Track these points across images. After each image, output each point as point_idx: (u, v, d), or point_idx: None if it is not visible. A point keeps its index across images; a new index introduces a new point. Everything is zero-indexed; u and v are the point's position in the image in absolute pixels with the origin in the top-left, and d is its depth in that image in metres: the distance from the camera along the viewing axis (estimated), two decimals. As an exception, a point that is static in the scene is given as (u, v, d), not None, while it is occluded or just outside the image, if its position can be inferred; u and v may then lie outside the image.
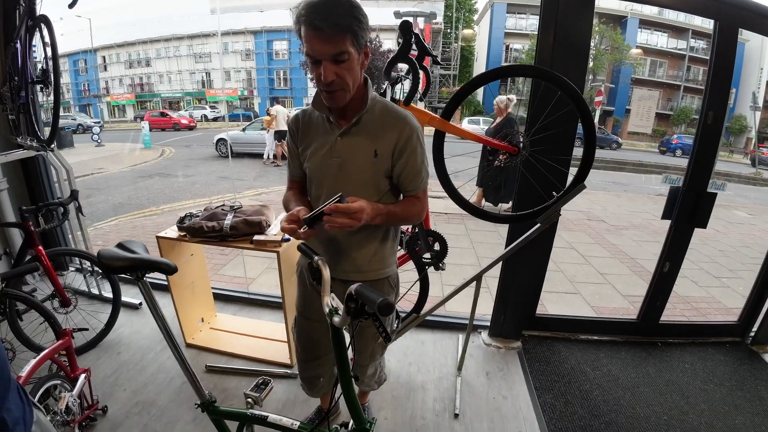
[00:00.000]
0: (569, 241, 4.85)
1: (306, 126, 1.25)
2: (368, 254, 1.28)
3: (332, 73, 1.02)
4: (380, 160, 1.17)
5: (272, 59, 23.20)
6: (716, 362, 2.39)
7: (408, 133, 1.16)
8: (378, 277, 1.32)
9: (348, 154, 1.17)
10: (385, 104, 1.21)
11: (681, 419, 1.95)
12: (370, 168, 1.17)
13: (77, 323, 2.20)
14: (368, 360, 1.48)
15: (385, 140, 1.16)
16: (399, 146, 1.16)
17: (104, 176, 8.37)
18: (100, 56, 24.24)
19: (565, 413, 1.95)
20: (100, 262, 1.13)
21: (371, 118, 1.17)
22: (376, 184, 1.20)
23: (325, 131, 1.20)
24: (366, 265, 1.29)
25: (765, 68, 20.22)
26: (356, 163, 1.17)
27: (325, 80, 1.03)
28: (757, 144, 17.31)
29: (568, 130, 1.88)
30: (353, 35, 1.01)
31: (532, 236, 1.80)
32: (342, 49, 1.00)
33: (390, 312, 0.73)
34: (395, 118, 1.17)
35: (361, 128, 1.17)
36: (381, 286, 1.34)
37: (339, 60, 1.02)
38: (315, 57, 1.02)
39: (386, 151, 1.17)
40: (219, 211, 2.02)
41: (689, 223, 2.31)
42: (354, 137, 1.17)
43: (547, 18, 1.87)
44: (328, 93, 1.08)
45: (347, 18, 0.98)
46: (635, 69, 21.80)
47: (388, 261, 1.35)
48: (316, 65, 1.03)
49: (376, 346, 1.45)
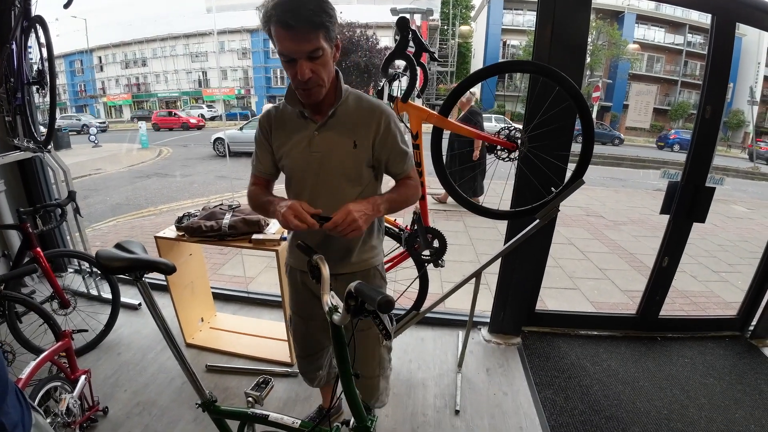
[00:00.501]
0: (568, 237, 4.85)
1: (279, 122, 1.23)
2: (356, 244, 1.28)
3: (308, 70, 1.02)
4: (360, 151, 1.17)
5: (269, 57, 23.09)
6: (716, 356, 2.40)
7: (386, 120, 1.18)
8: (368, 266, 1.32)
9: (327, 148, 1.17)
10: (358, 95, 1.21)
11: (681, 413, 1.95)
12: (351, 159, 1.18)
13: (77, 324, 2.19)
14: (378, 369, 1.43)
15: (362, 130, 1.17)
16: (380, 135, 1.18)
17: (102, 177, 8.35)
18: (96, 56, 24.14)
19: (565, 408, 1.95)
20: (98, 262, 1.12)
21: (346, 110, 1.18)
22: (359, 174, 1.20)
23: (300, 127, 1.19)
24: (355, 255, 1.29)
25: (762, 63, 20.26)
26: (336, 156, 1.17)
27: (302, 78, 1.02)
28: (754, 138, 17.31)
29: (566, 126, 1.88)
30: (325, 30, 1.00)
31: (530, 232, 1.80)
32: (316, 46, 1.00)
33: (390, 309, 0.73)
34: (369, 108, 1.19)
35: (338, 121, 1.17)
36: (372, 277, 1.35)
37: (314, 57, 1.01)
38: (289, 56, 1.01)
39: (365, 142, 1.17)
40: (217, 210, 2.01)
41: (688, 218, 2.31)
42: (331, 130, 1.17)
43: (545, 13, 1.87)
44: (305, 90, 1.08)
45: (318, 14, 0.97)
46: (633, 64, 21.83)
47: (376, 249, 1.36)
48: (291, 64, 1.02)
49: (382, 350, 1.42)
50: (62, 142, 10.81)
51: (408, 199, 1.28)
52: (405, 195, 1.26)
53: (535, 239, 1.92)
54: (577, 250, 4.50)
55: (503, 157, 1.74)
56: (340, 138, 1.16)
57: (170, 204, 6.06)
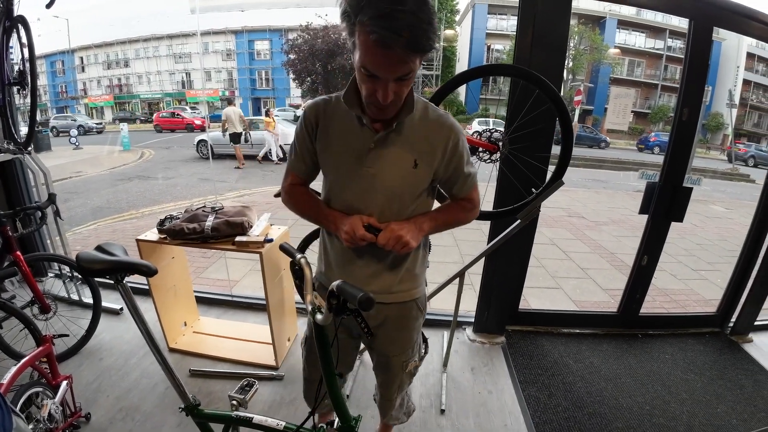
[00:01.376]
0: (551, 237, 4.94)
1: (328, 120, 1.05)
2: (399, 271, 1.14)
3: (393, 93, 0.88)
4: (420, 171, 1.02)
5: (254, 59, 22.95)
6: (696, 352, 2.46)
7: (454, 139, 1.04)
8: (407, 298, 1.18)
9: (383, 166, 1.01)
10: (424, 105, 1.05)
11: (663, 409, 1.99)
12: (407, 180, 1.03)
13: (58, 330, 2.14)
14: (396, 392, 1.38)
15: (427, 148, 1.02)
16: (446, 156, 1.04)
17: (83, 179, 8.16)
18: (77, 57, 23.62)
19: (549, 405, 1.98)
20: (78, 265, 1.11)
21: (411, 122, 1.02)
22: (412, 194, 1.06)
23: (354, 134, 1.02)
24: (396, 284, 1.14)
25: (741, 67, 20.92)
26: (392, 176, 1.02)
27: (384, 102, 0.88)
28: (733, 140, 17.85)
29: (546, 128, 1.91)
30: (422, 54, 0.85)
31: (512, 232, 1.83)
32: (411, 69, 0.86)
33: (371, 306, 0.73)
34: (438, 123, 1.03)
35: (400, 135, 1.00)
36: (409, 309, 1.20)
37: (403, 79, 0.87)
38: (376, 75, 0.86)
39: (428, 161, 1.02)
40: (200, 212, 1.99)
41: (666, 218, 2.37)
42: (391, 146, 1.00)
43: (525, 18, 1.91)
44: (380, 109, 0.93)
45: (425, 40, 0.80)
46: (614, 69, 22.31)
47: (419, 279, 1.21)
48: (373, 79, 0.87)
49: (404, 377, 1.33)
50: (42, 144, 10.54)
51: (459, 221, 1.16)
52: (455, 217, 1.15)
53: (517, 239, 1.95)
54: (559, 250, 4.58)
55: (485, 158, 1.77)
56: (400, 156, 1.01)
57: (152, 207, 5.96)
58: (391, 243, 0.99)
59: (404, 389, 1.42)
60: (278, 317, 2.10)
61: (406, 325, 1.22)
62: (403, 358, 1.27)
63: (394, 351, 1.26)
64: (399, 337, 1.24)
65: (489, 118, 14.85)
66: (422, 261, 1.21)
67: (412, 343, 1.27)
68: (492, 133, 1.75)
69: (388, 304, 1.15)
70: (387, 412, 1.45)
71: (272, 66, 22.79)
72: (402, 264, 1.14)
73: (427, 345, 1.37)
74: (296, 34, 17.99)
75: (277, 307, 2.08)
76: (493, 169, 1.86)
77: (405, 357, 1.28)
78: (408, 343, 1.26)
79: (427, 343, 1.37)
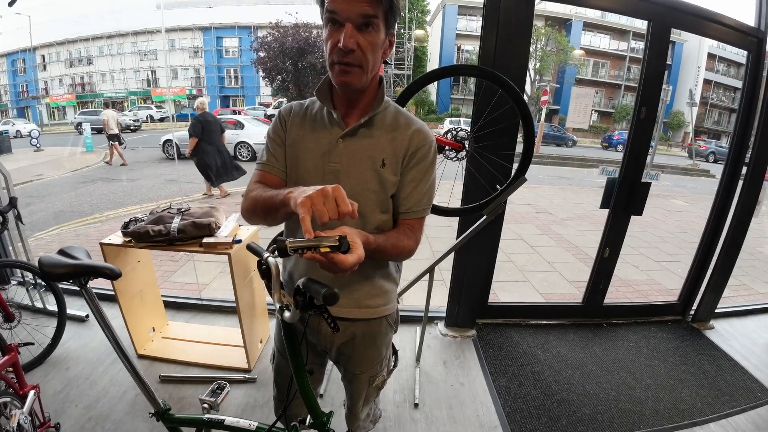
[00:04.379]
0: (518, 233, 5.07)
1: (300, 117, 1.03)
2: (369, 285, 1.08)
3: (354, 40, 0.84)
4: (388, 171, 0.97)
5: (222, 57, 22.41)
6: (659, 339, 2.58)
7: (423, 143, 0.98)
8: (375, 315, 1.11)
9: (348, 162, 0.97)
10: (398, 109, 1.03)
11: (629, 394, 2.08)
12: (374, 180, 0.97)
13: (23, 339, 2.06)
14: (362, 406, 1.32)
15: (395, 148, 0.97)
16: (409, 154, 0.98)
17: (44, 182, 7.79)
18: (39, 55, 22.45)
19: (519, 395, 2.05)
20: (40, 269, 1.08)
21: (382, 120, 0.98)
22: (377, 200, 0.99)
23: (323, 129, 0.99)
24: (365, 299, 1.08)
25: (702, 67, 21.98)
26: (358, 173, 0.96)
27: (345, 45, 0.84)
28: (694, 138, 18.69)
29: (510, 127, 1.97)
30: (387, 4, 0.85)
31: (479, 227, 1.88)
32: (371, 12, 0.84)
33: (335, 301, 0.74)
34: (409, 124, 0.99)
35: (370, 131, 0.97)
36: (378, 325, 1.14)
37: (365, 25, 0.85)
38: (338, 17, 0.84)
39: (395, 161, 0.97)
40: (165, 214, 1.95)
41: (625, 212, 2.49)
42: (360, 141, 0.97)
43: (489, 20, 1.96)
44: (342, 67, 0.88)
45: None
46: (579, 69, 23.03)
47: (391, 295, 1.14)
48: (335, 30, 0.85)
49: (371, 390, 1.27)
50: (2, 147, 10.04)
51: (399, 254, 1.00)
52: (400, 242, 0.99)
53: (485, 235, 2.01)
54: (526, 244, 4.72)
55: (451, 156, 1.81)
56: (368, 152, 0.96)
57: (117, 210, 5.76)
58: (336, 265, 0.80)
59: (371, 402, 1.37)
60: (249, 319, 2.08)
61: (375, 341, 1.16)
62: (371, 373, 1.22)
63: (361, 368, 1.20)
64: (367, 354, 1.17)
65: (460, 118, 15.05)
66: (393, 275, 1.15)
67: (381, 359, 1.21)
68: (457, 131, 1.79)
69: (356, 321, 1.09)
70: (353, 424, 1.40)
71: (241, 64, 22.32)
72: (372, 278, 1.07)
73: (396, 357, 1.35)
74: (266, 32, 17.70)
75: (248, 308, 2.06)
76: (459, 166, 1.90)
77: (373, 372, 1.22)
78: (376, 359, 1.20)
79: (397, 356, 1.35)
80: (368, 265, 1.00)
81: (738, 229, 2.60)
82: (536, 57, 21.07)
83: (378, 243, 0.91)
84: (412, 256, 1.05)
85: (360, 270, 0.95)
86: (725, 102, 24.19)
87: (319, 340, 1.15)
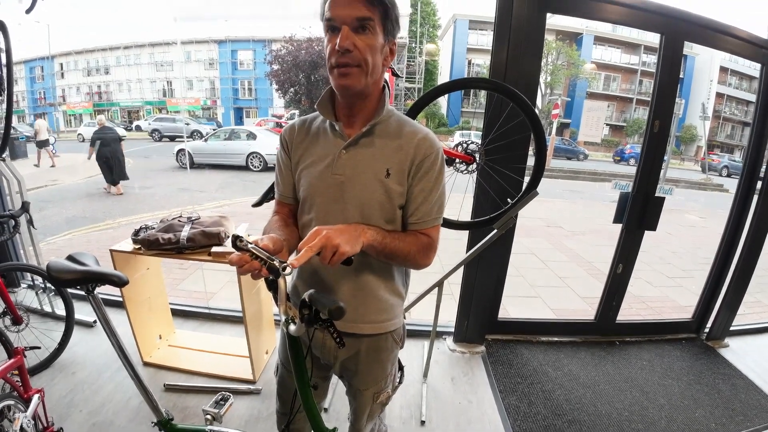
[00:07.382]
0: (529, 247, 5.01)
1: (302, 135, 1.03)
2: (372, 300, 1.06)
3: (350, 41, 0.85)
4: (393, 181, 0.95)
5: (236, 69, 22.86)
6: (673, 358, 2.51)
7: (429, 151, 0.96)
8: (379, 331, 1.08)
9: (353, 172, 0.95)
10: (402, 118, 1.02)
11: (642, 414, 2.02)
12: (380, 190, 0.95)
13: (30, 342, 2.07)
14: (366, 422, 1.29)
15: (400, 157, 0.95)
16: (416, 164, 0.96)
17: (58, 188, 7.95)
18: (57, 63, 23.13)
19: (528, 414, 2.00)
20: (49, 274, 1.10)
21: (386, 130, 0.98)
22: (387, 212, 0.98)
23: (326, 141, 0.99)
24: (370, 313, 1.06)
25: (714, 80, 21.83)
26: (362, 184, 0.95)
27: (341, 45, 0.84)
28: (706, 152, 18.47)
29: (521, 140, 1.95)
30: (383, 10, 0.87)
31: (490, 241, 1.86)
32: (366, 15, 0.85)
33: (341, 316, 0.73)
34: (413, 133, 0.97)
35: (373, 141, 0.97)
36: (383, 341, 1.11)
37: (362, 27, 0.86)
38: (335, 23, 0.86)
39: (401, 170, 0.95)
40: (176, 222, 1.96)
41: (639, 227, 2.44)
42: (363, 150, 0.96)
43: (501, 33, 1.96)
44: (341, 69, 0.88)
45: None
46: (590, 83, 22.99)
47: (395, 311, 1.10)
48: (334, 35, 0.86)
49: (375, 406, 1.24)
50: (18, 151, 10.27)
51: (410, 255, 0.97)
52: (408, 248, 0.96)
53: (495, 249, 1.98)
54: (537, 259, 4.65)
55: (461, 170, 1.79)
56: (372, 161, 0.95)
57: (129, 217, 5.83)
58: (317, 245, 0.81)
59: (375, 418, 1.33)
60: (255, 330, 2.07)
61: (380, 357, 1.13)
62: (375, 389, 1.19)
63: (365, 385, 1.17)
64: (371, 370, 1.15)
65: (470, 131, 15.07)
66: (398, 288, 1.10)
67: (386, 375, 1.18)
68: (468, 144, 1.77)
69: (361, 336, 1.07)
70: None
71: (255, 76, 22.72)
72: (377, 291, 1.05)
73: (403, 374, 1.32)
74: (280, 45, 18.05)
75: (254, 319, 2.05)
76: (469, 180, 1.89)
77: (377, 389, 1.19)
78: (381, 376, 1.17)
79: (403, 372, 1.32)
80: (374, 278, 1.02)
81: (753, 245, 2.53)
82: (547, 71, 21.10)
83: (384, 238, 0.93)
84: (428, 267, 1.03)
85: (365, 283, 1.01)
86: (738, 116, 23.89)
87: (323, 353, 1.13)
